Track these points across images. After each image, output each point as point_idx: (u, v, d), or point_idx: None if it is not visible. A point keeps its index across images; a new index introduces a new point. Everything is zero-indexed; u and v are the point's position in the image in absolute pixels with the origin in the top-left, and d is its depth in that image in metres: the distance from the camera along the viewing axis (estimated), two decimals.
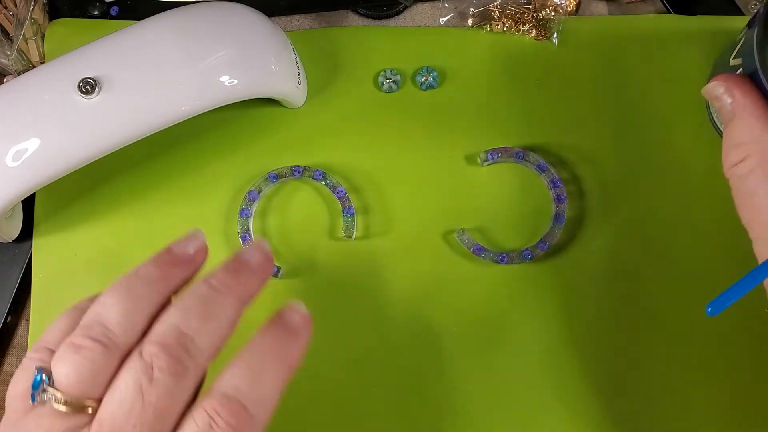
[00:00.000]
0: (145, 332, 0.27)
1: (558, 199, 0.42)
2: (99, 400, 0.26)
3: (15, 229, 0.42)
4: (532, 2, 0.45)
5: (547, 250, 0.41)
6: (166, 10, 0.38)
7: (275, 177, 0.42)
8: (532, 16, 0.45)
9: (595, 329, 0.41)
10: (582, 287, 0.42)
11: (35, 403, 0.26)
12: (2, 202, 0.36)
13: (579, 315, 0.41)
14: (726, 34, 0.45)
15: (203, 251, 0.31)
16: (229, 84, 0.37)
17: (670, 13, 0.46)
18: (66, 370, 0.26)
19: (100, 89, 0.36)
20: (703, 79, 0.45)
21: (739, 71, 0.34)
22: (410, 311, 0.42)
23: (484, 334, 0.41)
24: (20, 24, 0.42)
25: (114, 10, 0.45)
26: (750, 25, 0.35)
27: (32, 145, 0.35)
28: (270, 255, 0.31)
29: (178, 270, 0.29)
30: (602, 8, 0.46)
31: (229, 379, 0.27)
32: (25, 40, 0.43)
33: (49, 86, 0.36)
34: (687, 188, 0.43)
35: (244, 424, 0.26)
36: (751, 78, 0.32)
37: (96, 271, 0.42)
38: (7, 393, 0.28)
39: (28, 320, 0.42)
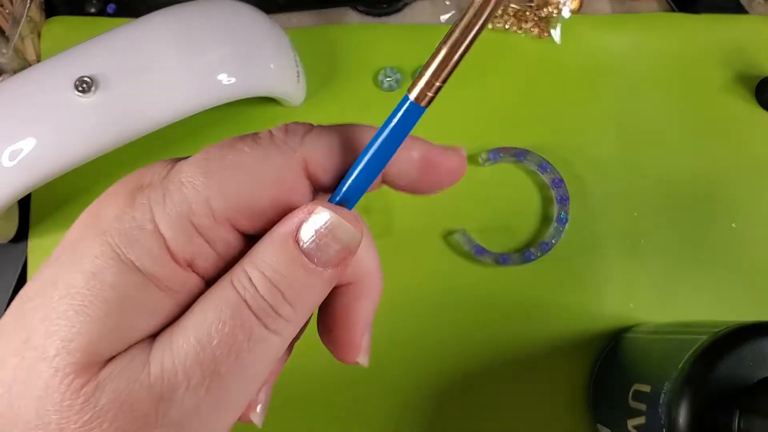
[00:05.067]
0: None
1: (560, 199, 0.41)
2: None
3: (11, 229, 0.42)
4: (535, 0, 0.44)
5: (549, 251, 0.41)
6: (163, 7, 0.38)
7: None
8: (535, 14, 0.44)
9: (595, 329, 0.41)
10: (583, 288, 0.41)
11: None
12: None
13: (580, 316, 0.41)
14: (729, 33, 0.45)
15: None
16: (227, 82, 0.37)
17: (674, 11, 0.46)
18: None
19: (97, 88, 0.35)
20: (704, 79, 0.44)
21: None
22: (410, 311, 0.41)
23: (484, 334, 0.41)
24: (16, 22, 0.42)
25: (111, 8, 0.45)
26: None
27: (28, 144, 0.35)
28: None
29: None
30: (605, 6, 0.46)
31: None
32: (22, 39, 0.43)
33: (46, 85, 0.36)
34: (689, 187, 0.43)
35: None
36: None
37: None
38: None
39: None
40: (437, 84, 0.19)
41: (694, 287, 0.42)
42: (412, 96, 0.19)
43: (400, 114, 0.19)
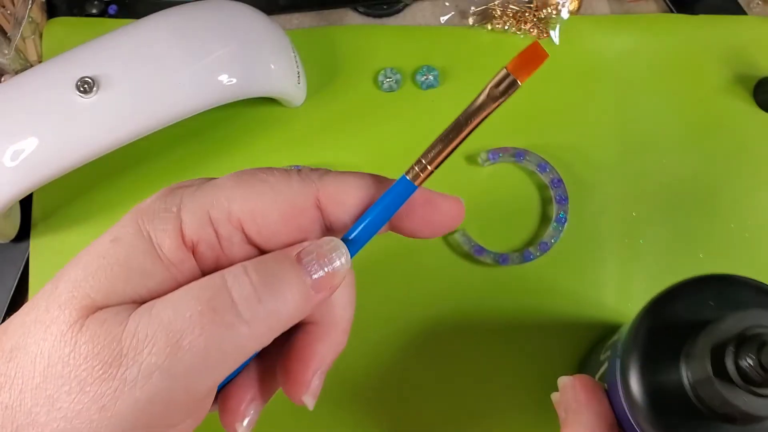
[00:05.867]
0: None
1: (559, 199, 0.42)
2: None
3: (12, 229, 0.42)
4: (534, 1, 0.45)
5: (548, 251, 0.41)
6: (164, 8, 0.38)
7: None
8: (534, 15, 0.44)
9: (594, 329, 0.41)
10: (582, 288, 0.41)
11: None
12: (0, 203, 0.36)
13: (579, 316, 0.41)
14: (727, 33, 0.45)
15: None
16: (227, 83, 0.37)
17: (672, 12, 0.46)
18: None
19: (98, 88, 0.35)
20: (702, 79, 0.45)
21: (605, 366, 0.32)
22: (410, 312, 0.41)
23: (483, 334, 0.41)
24: (18, 23, 0.42)
25: (112, 9, 0.45)
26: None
27: (30, 144, 0.35)
28: None
29: None
30: (604, 7, 0.46)
31: None
32: (23, 39, 0.43)
33: (47, 85, 0.36)
34: (688, 187, 0.43)
35: None
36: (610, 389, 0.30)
37: None
38: None
39: None
40: (430, 169, 0.23)
41: None
42: (409, 176, 0.23)
43: (397, 189, 0.23)
